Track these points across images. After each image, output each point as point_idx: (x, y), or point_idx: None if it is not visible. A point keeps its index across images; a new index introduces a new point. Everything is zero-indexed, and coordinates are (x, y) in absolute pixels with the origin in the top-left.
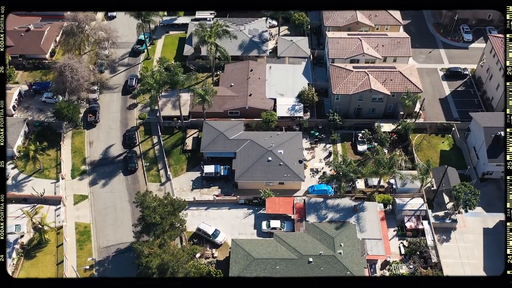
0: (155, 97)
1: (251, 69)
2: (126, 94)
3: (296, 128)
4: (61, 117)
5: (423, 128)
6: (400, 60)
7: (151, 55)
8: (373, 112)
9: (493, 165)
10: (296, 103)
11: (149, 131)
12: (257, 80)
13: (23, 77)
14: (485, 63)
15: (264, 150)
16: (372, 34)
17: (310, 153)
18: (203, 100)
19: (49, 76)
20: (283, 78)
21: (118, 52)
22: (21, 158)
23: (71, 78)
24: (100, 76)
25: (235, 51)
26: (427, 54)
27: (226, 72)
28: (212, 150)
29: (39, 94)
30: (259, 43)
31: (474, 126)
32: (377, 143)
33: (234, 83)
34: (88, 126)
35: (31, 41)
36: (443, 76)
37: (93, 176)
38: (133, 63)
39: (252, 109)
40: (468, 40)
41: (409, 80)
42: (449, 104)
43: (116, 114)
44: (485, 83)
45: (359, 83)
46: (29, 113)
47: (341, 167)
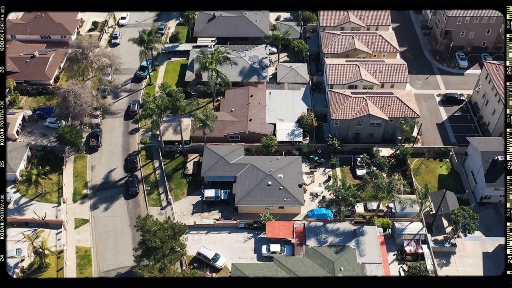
0: (156, 122)
1: (251, 95)
2: (128, 119)
3: (295, 153)
4: (64, 141)
5: (421, 153)
6: (398, 86)
7: (153, 81)
8: (371, 137)
9: (491, 190)
10: (295, 128)
11: (150, 155)
12: (257, 105)
13: (27, 102)
14: (481, 89)
15: (264, 175)
16: (369, 60)
17: (310, 178)
18: (204, 125)
19: (52, 102)
20: (282, 103)
21: (121, 78)
22: (23, 182)
23: (75, 103)
24: (103, 101)
25: (235, 77)
26: (424, 80)
27: (227, 97)
28: (213, 175)
29: (43, 119)
30: (259, 69)
31: (471, 150)
32: (376, 167)
33: (234, 108)
34: (90, 151)
35: (36, 67)
36: (440, 101)
37: (94, 200)
38: (136, 89)
39: (252, 134)
40: (463, 66)
41: (407, 106)
42: (446, 129)
43: (118, 139)
44: (481, 109)
45: (358, 108)
46: (32, 137)
47: (340, 191)
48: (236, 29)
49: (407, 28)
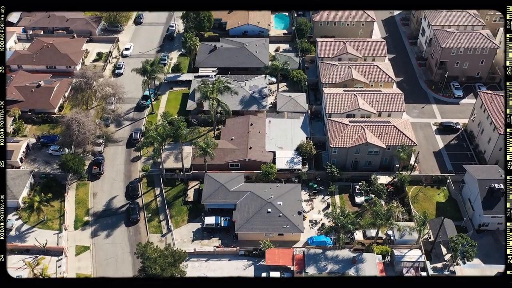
0: (158, 149)
1: (251, 123)
2: (130, 147)
3: (295, 180)
4: (67, 169)
5: (419, 180)
6: (395, 115)
7: (156, 110)
8: (369, 165)
9: (488, 217)
10: (294, 156)
11: (151, 183)
12: (257, 133)
13: (31, 130)
14: (476, 118)
15: (263, 202)
16: (367, 90)
17: (309, 205)
18: (204, 153)
19: (56, 130)
20: (282, 132)
21: (123, 107)
22: (25, 209)
23: (78, 131)
24: (105, 129)
25: (236, 106)
26: (420, 109)
27: (227, 126)
28: (213, 202)
29: (46, 147)
30: (259, 99)
31: (468, 178)
32: (374, 195)
33: (235, 136)
34: (92, 178)
35: (41, 97)
36: (436, 130)
37: (95, 227)
38: (138, 118)
39: (252, 162)
40: (458, 96)
41: (404, 134)
42: (443, 157)
43: (120, 166)
44: (477, 137)
45: (356, 136)
46: (35, 165)
47: (339, 218)
48: (236, 60)
49: (403, 59)
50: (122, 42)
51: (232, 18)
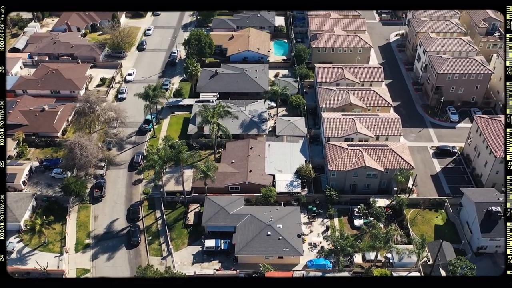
0: (159, 172)
1: (251, 147)
2: (132, 170)
3: (294, 203)
4: (69, 192)
5: (417, 203)
6: (392, 139)
7: (157, 133)
8: (368, 188)
9: (487, 240)
10: (294, 179)
11: (152, 205)
12: (257, 157)
13: (34, 154)
14: (472, 141)
15: (263, 225)
16: (364, 114)
17: (308, 228)
18: (205, 176)
19: (59, 153)
20: (281, 155)
21: (126, 130)
22: (27, 231)
23: (81, 155)
24: (108, 153)
25: (236, 130)
26: (417, 133)
27: (228, 149)
28: (213, 225)
29: (49, 170)
30: (259, 123)
31: (465, 201)
32: (373, 217)
33: (235, 160)
34: (94, 201)
35: (45, 121)
36: (433, 153)
37: (96, 249)
38: (140, 141)
39: (252, 185)
40: (454, 120)
41: (401, 158)
42: (440, 180)
43: (122, 189)
44: (473, 160)
45: (354, 160)
46: (38, 188)
47: (338, 241)
48: (237, 85)
49: (400, 84)
50: (125, 67)
51: (233, 44)
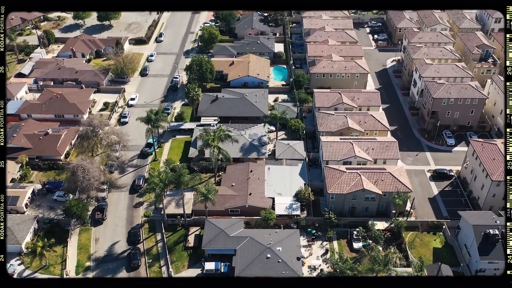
0: (160, 195)
1: (251, 170)
2: (133, 193)
3: (293, 226)
4: (70, 214)
5: (415, 226)
6: (390, 162)
7: (159, 157)
8: (366, 211)
9: (485, 263)
10: (293, 202)
11: (153, 228)
12: (257, 180)
13: (37, 176)
14: (468, 165)
15: (263, 247)
16: (362, 138)
17: (308, 250)
18: (205, 199)
19: (62, 176)
20: (281, 178)
21: (128, 154)
22: (28, 254)
23: (83, 177)
24: (110, 176)
25: (236, 153)
26: (414, 157)
27: (228, 172)
28: (213, 247)
29: (52, 193)
30: (259, 146)
31: (463, 224)
32: (372, 240)
33: (235, 183)
34: (95, 224)
35: (49, 144)
36: (431, 177)
37: (96, 272)
38: (141, 164)
39: (252, 208)
40: (451, 144)
41: (399, 181)
42: (438, 203)
43: (123, 212)
44: (470, 184)
45: (352, 183)
46: (40, 210)
47: (338, 264)
48: (237, 109)
49: (396, 108)
50: (128, 92)
51: (233, 70)
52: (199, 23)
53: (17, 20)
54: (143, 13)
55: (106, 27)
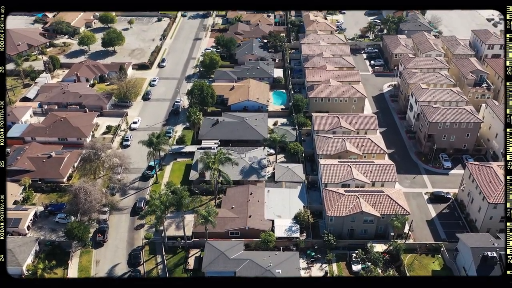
0: (161, 218)
1: (250, 193)
2: (134, 215)
3: (293, 248)
4: (72, 236)
5: (414, 249)
6: (387, 185)
7: (160, 179)
8: (365, 233)
9: None
10: (292, 224)
11: (153, 250)
12: (256, 202)
13: (40, 199)
14: (465, 188)
15: (262, 270)
16: (360, 161)
17: (307, 273)
18: (206, 221)
19: (64, 198)
20: (280, 201)
21: (129, 176)
22: (28, 276)
23: (85, 200)
24: (111, 198)
25: (236, 176)
26: (412, 180)
27: (228, 195)
28: (213, 269)
29: (53, 215)
30: (258, 169)
31: (461, 246)
32: (371, 263)
33: (235, 205)
34: (96, 246)
35: (52, 167)
36: (428, 199)
37: None
38: (143, 187)
39: (251, 230)
40: (447, 167)
41: (397, 203)
42: (436, 226)
43: (124, 234)
44: (467, 206)
45: (351, 205)
46: (42, 232)
47: None
48: (237, 133)
49: (393, 132)
50: (131, 116)
51: (234, 94)
52: (201, 49)
53: (24, 46)
54: (147, 40)
55: (110, 52)
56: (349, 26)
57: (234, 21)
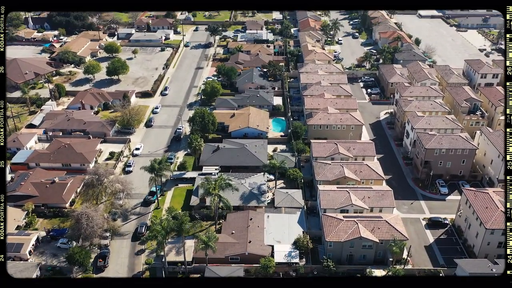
0: (161, 243)
1: (250, 218)
2: (135, 241)
3: (292, 274)
4: (73, 261)
5: (412, 274)
6: (385, 210)
7: (161, 205)
8: (364, 258)
9: None
10: (292, 250)
11: (154, 275)
12: (256, 228)
13: (42, 224)
14: (462, 213)
15: None
16: (358, 187)
17: None
18: (206, 246)
19: (66, 223)
20: (280, 226)
21: (131, 202)
22: None
23: (86, 225)
24: (113, 223)
25: (236, 201)
26: (409, 205)
27: (228, 220)
28: None
29: (55, 240)
30: (258, 195)
31: (460, 272)
32: None
33: (235, 230)
34: (97, 271)
35: (54, 192)
36: (426, 225)
37: None
38: (144, 212)
39: (251, 255)
40: (444, 193)
41: (395, 229)
42: (434, 251)
43: (124, 259)
44: (465, 232)
45: (350, 231)
46: (43, 257)
47: None
48: (237, 159)
49: (390, 158)
50: (134, 142)
51: (234, 121)
52: (202, 77)
53: (31, 74)
54: (150, 69)
55: (114, 81)
56: (346, 56)
57: (235, 51)
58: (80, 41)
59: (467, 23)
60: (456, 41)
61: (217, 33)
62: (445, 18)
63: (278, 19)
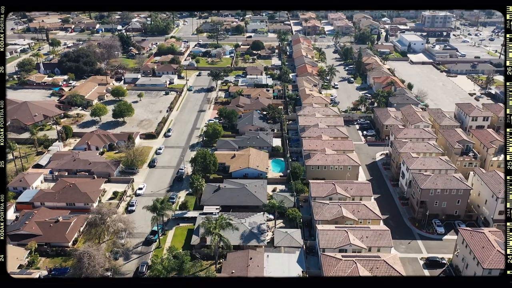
0: None
1: (250, 258)
2: None
3: None
4: None
5: None
6: (383, 250)
7: (162, 244)
8: None
9: None
10: None
11: None
12: (256, 267)
13: (44, 263)
14: (459, 253)
15: None
16: (356, 226)
17: None
18: None
19: (68, 263)
20: (279, 265)
21: (133, 241)
22: None
23: (88, 264)
24: (114, 262)
25: (236, 240)
26: (407, 245)
27: (228, 260)
28: None
29: None
30: (258, 234)
31: None
32: None
33: (235, 270)
34: None
35: (58, 231)
36: (424, 264)
37: None
38: (146, 251)
39: None
40: (441, 232)
41: (394, 268)
42: None
43: None
44: (462, 271)
45: (348, 270)
46: None
47: None
48: (238, 199)
49: (387, 198)
50: (137, 182)
51: (235, 162)
52: (204, 120)
53: (40, 116)
54: (154, 111)
55: (120, 123)
56: (342, 99)
57: (236, 95)
58: (88, 85)
59: (457, 69)
60: (446, 86)
61: (219, 78)
62: (435, 64)
63: (277, 64)
